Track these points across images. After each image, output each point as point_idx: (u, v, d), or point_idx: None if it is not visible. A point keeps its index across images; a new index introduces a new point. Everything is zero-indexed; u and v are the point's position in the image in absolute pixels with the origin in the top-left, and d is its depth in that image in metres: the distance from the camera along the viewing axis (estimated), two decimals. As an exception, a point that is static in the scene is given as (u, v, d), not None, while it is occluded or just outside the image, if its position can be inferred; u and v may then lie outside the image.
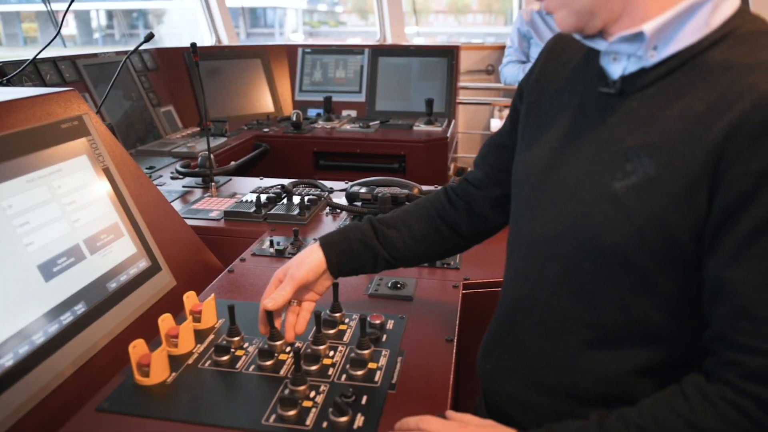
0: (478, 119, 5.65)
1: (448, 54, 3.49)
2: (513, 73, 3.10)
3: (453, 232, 1.10)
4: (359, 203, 1.81)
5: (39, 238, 1.07)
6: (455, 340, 1.11)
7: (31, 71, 2.30)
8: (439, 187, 1.14)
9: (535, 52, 2.92)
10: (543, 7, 0.81)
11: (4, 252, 0.99)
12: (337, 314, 1.14)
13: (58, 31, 1.88)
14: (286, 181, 2.05)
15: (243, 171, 2.54)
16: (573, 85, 0.87)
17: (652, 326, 0.77)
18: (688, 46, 0.72)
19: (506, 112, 5.28)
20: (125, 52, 2.93)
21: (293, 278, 1.01)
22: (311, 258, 1.04)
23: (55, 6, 2.84)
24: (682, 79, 0.72)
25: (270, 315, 1.02)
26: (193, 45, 1.82)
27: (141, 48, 2.41)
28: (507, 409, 0.89)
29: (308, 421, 0.87)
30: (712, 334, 0.71)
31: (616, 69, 0.79)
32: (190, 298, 1.14)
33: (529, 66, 2.92)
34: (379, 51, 3.58)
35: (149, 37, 2.12)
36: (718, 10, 0.71)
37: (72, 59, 2.55)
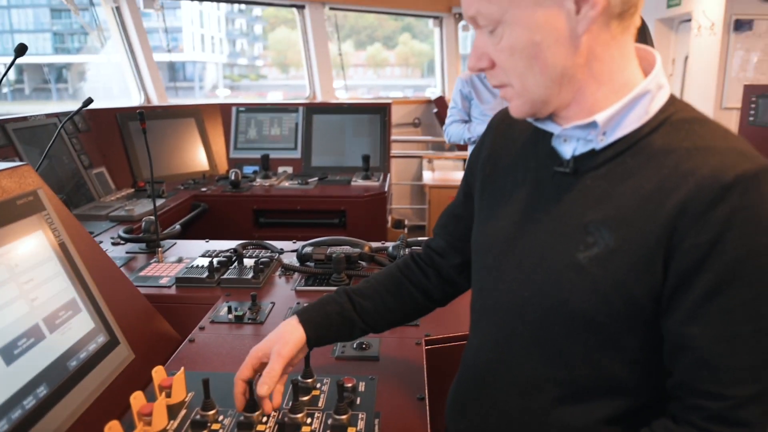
0: (408, 170, 5.80)
1: (381, 111, 3.60)
2: (458, 132, 3.22)
3: (426, 297, 1.16)
4: (312, 263, 1.83)
5: (-1, 320, 1.03)
6: (426, 398, 1.14)
7: (-40, 137, 2.21)
8: (405, 255, 1.22)
9: (476, 112, 3.08)
10: (500, 95, 0.89)
11: (-36, 337, 0.95)
12: (309, 380, 1.15)
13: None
14: (233, 243, 2.04)
15: (183, 233, 2.51)
16: (525, 161, 0.94)
17: (619, 378, 0.84)
18: (632, 132, 0.81)
19: (435, 163, 5.46)
20: (56, 115, 2.87)
21: (281, 356, 1.01)
22: (294, 336, 1.04)
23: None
24: (630, 161, 0.81)
25: (250, 387, 1.02)
26: (141, 113, 1.82)
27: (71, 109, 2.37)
28: None
29: (297, 494, 0.88)
30: (675, 383, 0.80)
31: (567, 149, 0.87)
32: (158, 373, 1.13)
33: (472, 125, 3.07)
34: (313, 109, 3.65)
35: (88, 102, 2.10)
36: (655, 99, 0.82)
37: (1, 123, 2.47)
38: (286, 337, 1.04)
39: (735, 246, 0.72)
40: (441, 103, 5.78)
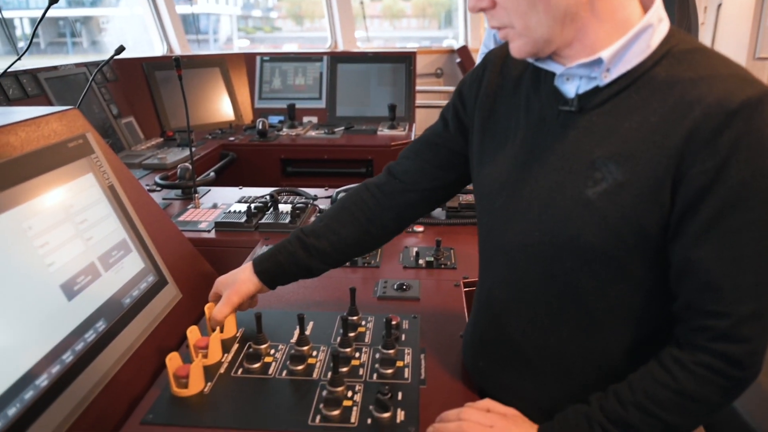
0: (431, 121, 5.76)
1: (406, 60, 3.56)
2: None
3: (382, 230, 1.18)
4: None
5: (59, 258, 1.07)
6: (468, 336, 1.18)
7: (-6, 87, 2.24)
8: (359, 186, 1.21)
9: None
10: (500, 36, 0.89)
11: (29, 273, 0.99)
12: (355, 317, 1.19)
13: (30, 44, 1.84)
14: (267, 190, 2.07)
15: (214, 181, 2.54)
16: (527, 102, 0.95)
17: (631, 308, 0.87)
18: (635, 66, 0.82)
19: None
20: (84, 64, 2.88)
21: (231, 303, 1.15)
22: (246, 287, 1.16)
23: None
24: (634, 96, 0.82)
25: (301, 322, 1.06)
26: (177, 60, 1.82)
27: (99, 59, 2.37)
28: (504, 399, 0.95)
29: (353, 419, 0.92)
30: (681, 305, 0.83)
31: (569, 88, 0.88)
32: (211, 309, 1.17)
33: None
34: (337, 58, 3.62)
35: (120, 50, 2.10)
36: (656, 32, 0.82)
37: (33, 73, 2.49)
38: (239, 287, 1.16)
39: (740, 169, 0.74)
40: (464, 53, 5.69)
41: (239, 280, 1.16)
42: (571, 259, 0.86)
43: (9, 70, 2.29)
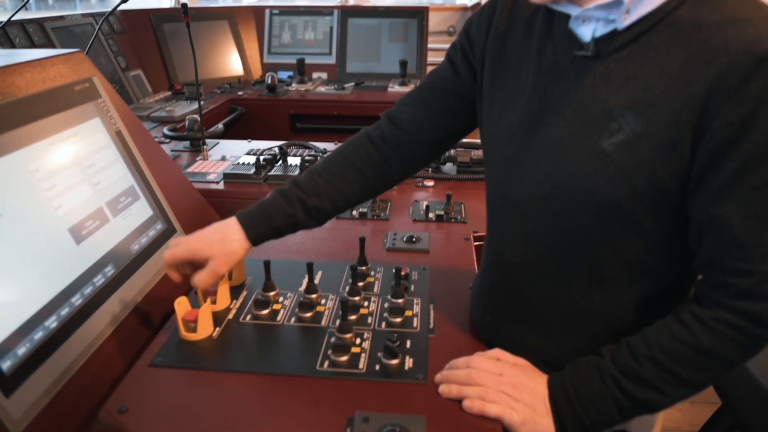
0: (440, 80, 5.69)
1: (418, 15, 3.49)
2: None
3: (386, 184, 1.13)
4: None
5: (66, 202, 1.06)
6: (478, 288, 1.17)
7: (0, 35, 2.21)
8: (359, 134, 1.12)
9: None
10: None
11: (37, 216, 0.99)
12: (364, 267, 1.18)
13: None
14: (276, 143, 2.05)
15: (223, 135, 2.52)
16: (540, 46, 0.89)
17: (644, 263, 0.85)
18: (656, 8, 0.77)
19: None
20: (91, 15, 2.83)
21: (217, 275, 1.02)
22: (238, 255, 1.03)
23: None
24: (655, 40, 0.77)
25: (310, 269, 1.06)
26: (184, 6, 1.79)
27: (106, 10, 2.33)
28: (511, 352, 0.94)
29: (361, 365, 0.92)
30: (703, 262, 0.80)
31: (585, 31, 0.82)
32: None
33: None
34: (348, 12, 3.55)
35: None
36: None
37: (39, 22, 2.46)
38: (229, 257, 1.02)
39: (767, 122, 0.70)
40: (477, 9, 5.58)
41: (229, 251, 1.02)
42: (584, 212, 0.83)
43: (15, 18, 2.26)
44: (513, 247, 0.95)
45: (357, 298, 1.07)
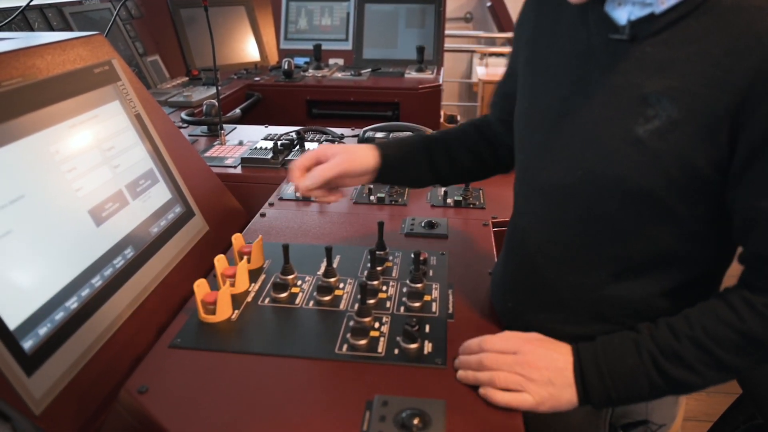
0: (457, 68, 5.65)
1: (435, 1, 3.45)
2: None
3: (497, 162, 1.19)
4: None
5: (86, 184, 1.06)
6: (497, 274, 1.16)
7: (20, 19, 2.21)
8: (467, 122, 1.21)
9: None
10: None
11: (58, 197, 0.99)
12: (383, 252, 1.17)
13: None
14: (292, 128, 2.04)
15: (240, 120, 2.52)
16: (574, 30, 0.87)
17: (674, 251, 0.83)
18: None
19: (488, 60, 5.29)
20: (109, 0, 2.84)
21: (338, 166, 1.03)
22: (366, 160, 1.07)
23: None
24: (694, 24, 0.74)
25: (329, 253, 1.05)
26: (202, -12, 1.78)
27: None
28: None
29: (380, 349, 0.91)
30: (749, 256, 0.78)
31: (621, 15, 0.80)
32: (238, 240, 1.16)
33: None
34: (365, -2, 3.52)
35: (145, -18, 2.05)
36: None
37: (58, 7, 2.46)
38: (357, 158, 1.06)
39: None
40: (495, -4, 5.52)
41: (358, 154, 1.06)
42: (615, 199, 0.81)
43: (34, 3, 2.26)
44: (539, 234, 0.93)
45: (376, 283, 1.07)
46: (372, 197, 1.50)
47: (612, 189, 0.81)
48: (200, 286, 1.00)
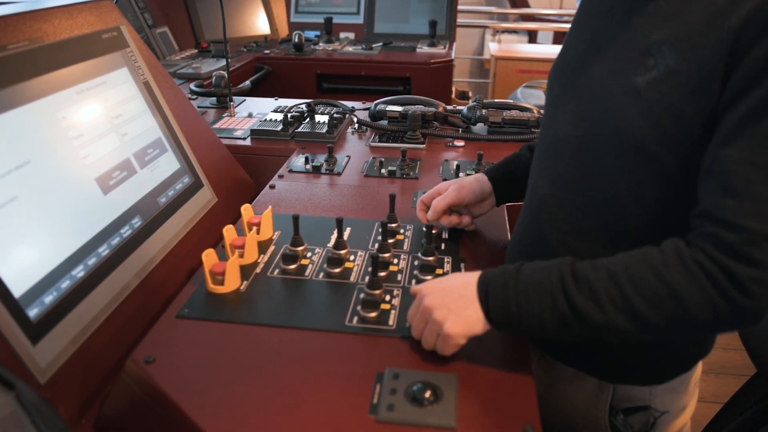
0: (468, 44, 5.58)
1: (449, -26, 3.39)
2: None
3: None
4: (384, 121, 1.80)
5: (94, 151, 1.05)
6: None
7: (27, -13, 2.18)
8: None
9: None
10: None
11: (65, 164, 0.97)
12: (394, 224, 1.15)
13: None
14: (302, 101, 2.01)
15: (249, 92, 2.49)
16: None
17: (669, 217, 0.80)
18: None
19: (500, 36, 5.21)
20: (118, -31, 2.79)
21: (448, 198, 1.13)
22: (479, 185, 1.14)
23: None
24: None
25: (340, 225, 1.03)
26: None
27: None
28: None
29: (391, 322, 0.90)
30: (698, 211, 0.74)
31: None
32: (247, 210, 1.14)
33: None
34: (377, -30, 3.46)
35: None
36: None
37: (66, -25, 2.43)
38: (464, 185, 1.14)
39: None
40: (509, -29, 5.41)
41: (466, 182, 1.14)
42: (612, 153, 0.81)
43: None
44: (543, 189, 0.93)
45: (387, 255, 1.05)
46: (383, 170, 1.48)
47: (608, 142, 0.81)
48: (209, 256, 0.98)
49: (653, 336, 0.76)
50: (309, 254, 1.08)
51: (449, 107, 1.89)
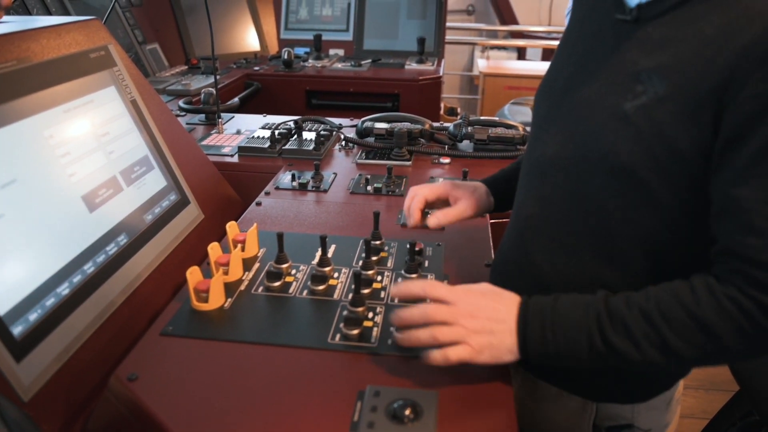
0: (458, 61, 5.63)
1: (437, -8, 3.43)
2: None
3: None
4: (371, 138, 1.81)
5: (80, 169, 1.06)
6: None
7: (18, 5, 2.20)
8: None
9: None
10: None
11: (51, 182, 0.98)
12: (378, 241, 1.16)
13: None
14: (290, 118, 2.03)
15: (238, 109, 2.51)
16: (593, 13, 0.90)
17: (657, 240, 0.81)
18: None
19: (489, 53, 5.26)
20: (109, -14, 2.82)
21: (461, 213, 1.11)
22: (485, 204, 1.14)
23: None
24: (698, 7, 0.74)
25: (324, 242, 1.04)
26: (201, -25, 1.76)
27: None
28: None
29: (373, 339, 0.91)
30: (720, 249, 0.75)
31: None
32: (232, 228, 1.15)
33: None
34: (366, -12, 3.50)
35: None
36: None
37: (57, -7, 2.45)
38: (479, 204, 1.13)
39: None
40: (497, -12, 5.48)
41: (479, 200, 1.13)
42: (600, 176, 0.81)
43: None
44: (530, 209, 0.93)
45: (370, 272, 1.06)
46: (369, 187, 1.49)
47: (597, 165, 0.81)
48: (193, 274, 0.99)
49: (690, 366, 0.78)
50: (293, 271, 1.09)
51: (436, 124, 1.91)
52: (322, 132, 1.79)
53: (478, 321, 0.81)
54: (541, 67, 4.54)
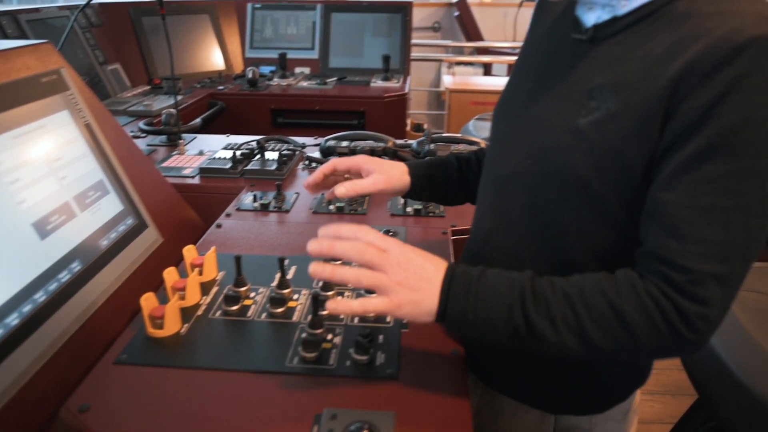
0: (425, 77, 5.68)
1: (402, 10, 3.47)
2: None
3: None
4: (335, 157, 1.81)
5: (30, 196, 1.03)
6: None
7: (-28, 27, 2.16)
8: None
9: None
10: None
11: (-1, 209, 0.96)
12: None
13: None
14: (253, 138, 2.02)
15: (201, 129, 2.49)
16: (552, 32, 0.93)
17: (607, 252, 0.83)
18: None
19: (455, 69, 5.32)
20: (68, 7, 2.79)
21: (376, 185, 1.08)
22: (400, 184, 1.11)
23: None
24: (649, 27, 0.78)
25: (282, 264, 1.04)
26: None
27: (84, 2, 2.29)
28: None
29: (331, 361, 0.90)
30: (644, 252, 0.77)
31: (590, 18, 0.85)
32: (190, 251, 1.14)
33: None
34: (331, 7, 3.52)
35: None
36: None
37: (14, 14, 2.41)
38: (393, 180, 1.10)
39: (733, 111, 0.68)
40: (463, 6, 5.56)
41: (394, 176, 1.10)
42: (555, 190, 0.84)
43: (-12, 10, 2.21)
44: (488, 223, 0.95)
45: (330, 293, 1.06)
46: (331, 206, 1.49)
47: (553, 178, 0.83)
48: (148, 300, 0.97)
49: (599, 357, 0.79)
50: (252, 294, 1.08)
51: (400, 141, 1.92)
52: (284, 152, 1.79)
53: (406, 274, 0.79)
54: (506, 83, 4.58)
